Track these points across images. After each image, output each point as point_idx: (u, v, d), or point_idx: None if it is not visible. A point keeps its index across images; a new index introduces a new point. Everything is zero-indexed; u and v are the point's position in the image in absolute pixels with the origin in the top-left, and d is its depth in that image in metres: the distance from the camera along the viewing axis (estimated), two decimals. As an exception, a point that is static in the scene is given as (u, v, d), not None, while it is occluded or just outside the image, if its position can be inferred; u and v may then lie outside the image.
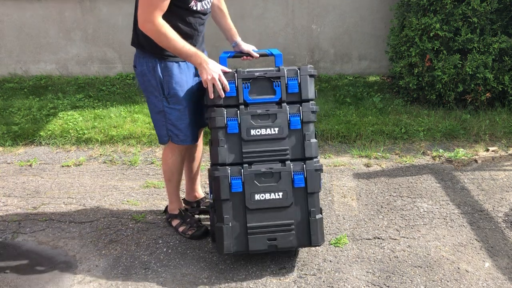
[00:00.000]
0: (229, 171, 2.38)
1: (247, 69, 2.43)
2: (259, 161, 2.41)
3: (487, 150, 3.81)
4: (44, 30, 5.57)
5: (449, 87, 4.39)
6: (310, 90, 2.44)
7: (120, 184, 3.46)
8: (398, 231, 2.83)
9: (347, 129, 4.11)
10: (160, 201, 3.20)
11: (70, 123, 4.35)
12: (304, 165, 2.42)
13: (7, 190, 3.43)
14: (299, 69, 2.43)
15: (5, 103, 4.86)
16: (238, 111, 2.39)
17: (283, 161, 2.42)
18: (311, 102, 2.45)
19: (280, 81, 2.40)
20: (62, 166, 3.75)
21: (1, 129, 4.30)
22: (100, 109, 4.69)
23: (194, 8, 2.43)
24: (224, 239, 2.39)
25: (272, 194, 2.41)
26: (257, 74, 2.40)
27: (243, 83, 2.39)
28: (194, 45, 2.47)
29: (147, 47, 2.45)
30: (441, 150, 3.79)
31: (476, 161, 3.64)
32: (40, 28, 5.57)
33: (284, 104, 2.42)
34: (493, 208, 3.03)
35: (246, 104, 2.41)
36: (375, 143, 3.94)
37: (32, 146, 4.10)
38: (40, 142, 4.12)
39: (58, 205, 3.21)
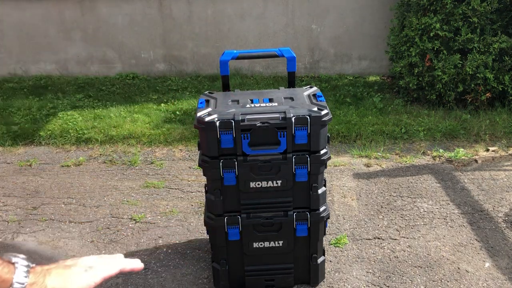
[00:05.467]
0: (225, 220, 2.17)
1: (247, 116, 2.03)
2: (259, 211, 2.18)
3: (487, 150, 3.81)
4: (44, 30, 5.57)
5: (449, 87, 4.39)
6: (322, 141, 2.08)
7: (120, 184, 3.46)
8: (398, 231, 2.83)
9: (347, 129, 4.10)
10: (160, 201, 3.20)
11: (70, 123, 4.35)
12: (309, 215, 2.19)
13: (7, 190, 3.42)
14: (309, 116, 2.02)
15: (5, 103, 4.86)
16: (236, 162, 2.07)
17: (285, 211, 2.19)
18: (322, 151, 2.10)
19: (286, 131, 2.02)
20: (62, 166, 3.74)
21: (1, 129, 4.29)
22: (100, 109, 4.69)
23: None
24: (221, 279, 2.32)
25: (272, 242, 2.23)
26: (258, 124, 2.01)
27: (242, 133, 2.01)
28: None
29: None
30: (441, 150, 3.78)
31: (476, 161, 3.63)
32: (40, 28, 5.56)
33: (289, 155, 2.07)
34: (493, 208, 3.03)
35: (245, 155, 2.07)
36: (375, 143, 3.94)
37: (32, 146, 4.10)
38: (40, 142, 4.12)
39: (58, 205, 3.20)
